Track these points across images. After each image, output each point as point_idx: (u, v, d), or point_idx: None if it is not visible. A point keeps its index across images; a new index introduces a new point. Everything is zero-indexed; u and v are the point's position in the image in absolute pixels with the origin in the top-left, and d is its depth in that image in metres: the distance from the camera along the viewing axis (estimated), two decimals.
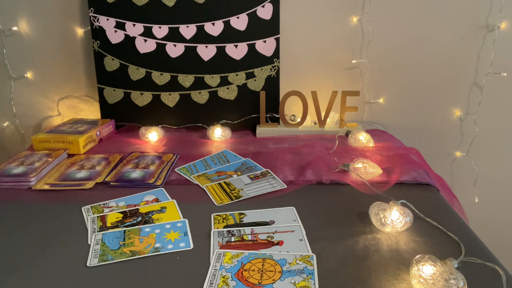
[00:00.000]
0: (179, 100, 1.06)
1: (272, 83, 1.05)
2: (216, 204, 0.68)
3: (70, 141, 0.91)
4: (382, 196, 0.68)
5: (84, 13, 1.06)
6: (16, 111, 1.16)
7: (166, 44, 1.02)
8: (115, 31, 1.02)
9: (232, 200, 0.69)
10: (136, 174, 0.78)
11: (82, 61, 1.11)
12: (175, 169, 0.81)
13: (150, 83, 1.05)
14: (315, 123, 1.05)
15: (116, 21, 1.01)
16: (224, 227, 0.60)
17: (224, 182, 0.75)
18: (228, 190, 0.72)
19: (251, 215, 0.63)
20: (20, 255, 0.54)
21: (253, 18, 1.01)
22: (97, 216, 0.64)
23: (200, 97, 1.06)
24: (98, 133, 0.98)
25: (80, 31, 1.08)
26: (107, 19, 1.01)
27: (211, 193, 0.71)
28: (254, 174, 0.78)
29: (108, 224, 0.61)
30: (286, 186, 0.73)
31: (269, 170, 0.79)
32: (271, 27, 1.01)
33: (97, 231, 0.60)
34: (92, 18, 1.01)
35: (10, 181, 0.76)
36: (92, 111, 1.16)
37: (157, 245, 0.56)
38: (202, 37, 1.02)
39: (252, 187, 0.73)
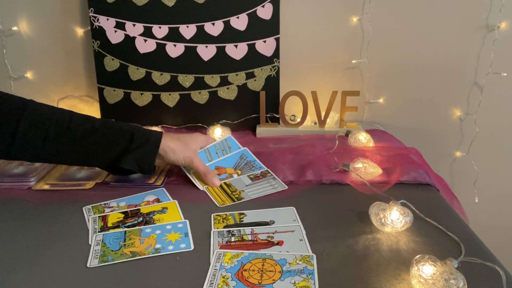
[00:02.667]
0: (179, 100, 1.06)
1: (272, 83, 1.05)
2: (218, 205, 0.68)
3: None
4: (382, 196, 0.68)
5: (84, 13, 1.06)
6: None
7: (166, 44, 1.02)
8: (115, 31, 1.02)
9: (234, 201, 0.69)
10: (136, 174, 0.78)
11: (82, 61, 1.11)
12: None
13: (150, 83, 1.05)
14: (315, 123, 1.05)
15: (116, 21, 1.01)
16: (224, 227, 0.60)
17: (225, 183, 0.75)
18: (229, 192, 0.72)
19: (251, 215, 0.63)
20: (20, 255, 0.54)
21: (253, 18, 1.01)
22: (99, 216, 0.64)
23: (200, 97, 1.06)
24: None
25: (80, 31, 1.08)
26: (107, 19, 1.01)
27: (212, 194, 0.71)
28: (254, 174, 0.78)
29: (109, 224, 0.61)
30: (287, 187, 0.73)
31: (268, 169, 0.79)
32: (271, 27, 1.01)
33: (98, 231, 0.60)
34: (92, 18, 1.01)
35: (10, 181, 0.76)
36: (92, 111, 1.16)
37: (158, 246, 0.56)
38: (202, 37, 1.02)
39: (252, 188, 0.73)
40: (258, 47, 1.03)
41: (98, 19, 1.01)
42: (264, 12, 1.01)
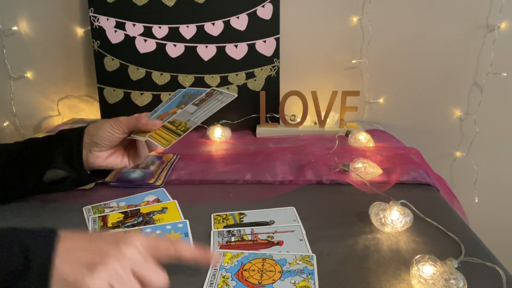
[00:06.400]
0: None
1: (272, 83, 1.05)
2: (164, 148, 0.60)
3: None
4: (382, 196, 0.68)
5: (84, 13, 1.06)
6: (16, 111, 1.16)
7: (166, 44, 1.02)
8: (115, 31, 1.02)
9: (180, 135, 0.61)
10: (136, 174, 0.78)
11: (82, 61, 1.11)
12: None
13: (150, 83, 1.05)
14: (315, 123, 1.05)
15: (116, 21, 1.01)
16: (224, 227, 0.60)
17: (168, 122, 0.65)
18: (173, 128, 0.63)
19: (251, 215, 0.63)
20: None
21: (253, 18, 1.01)
22: (99, 216, 0.64)
23: None
24: None
25: (80, 31, 1.08)
26: (107, 19, 1.01)
27: (155, 138, 0.62)
28: (199, 99, 0.67)
29: (109, 224, 0.61)
30: (236, 95, 0.64)
31: (214, 88, 0.67)
32: (271, 27, 1.01)
33: (98, 231, 0.60)
34: (92, 18, 1.01)
35: None
36: (92, 111, 1.16)
37: None
38: (202, 37, 1.02)
39: (199, 113, 0.64)
40: (258, 47, 1.03)
41: (98, 19, 1.01)
42: (264, 12, 1.01)
